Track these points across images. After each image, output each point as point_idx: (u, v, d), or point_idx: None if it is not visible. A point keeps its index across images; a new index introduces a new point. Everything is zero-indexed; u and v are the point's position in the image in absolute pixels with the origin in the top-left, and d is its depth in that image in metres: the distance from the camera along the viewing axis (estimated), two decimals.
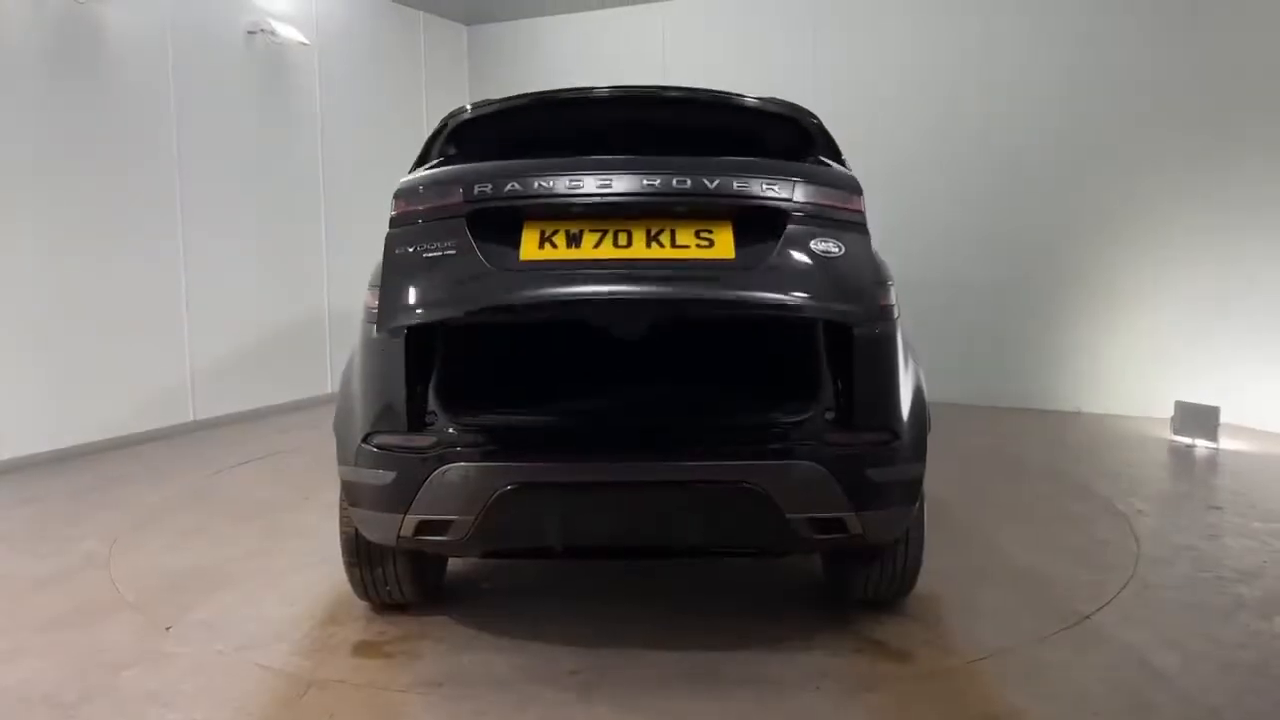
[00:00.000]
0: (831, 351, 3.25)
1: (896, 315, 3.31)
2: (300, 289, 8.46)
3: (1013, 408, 8.05)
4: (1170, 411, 6.92)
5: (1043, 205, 7.96)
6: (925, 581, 3.74)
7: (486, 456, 3.15)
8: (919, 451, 3.29)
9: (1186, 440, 6.68)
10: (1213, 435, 6.53)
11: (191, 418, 7.32)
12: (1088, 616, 3.73)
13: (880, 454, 3.17)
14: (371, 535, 3.36)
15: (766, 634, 3.57)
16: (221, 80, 7.58)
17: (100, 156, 6.60)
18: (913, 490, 3.30)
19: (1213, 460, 6.31)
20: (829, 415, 3.17)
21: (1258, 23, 6.97)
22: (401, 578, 3.62)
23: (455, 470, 3.11)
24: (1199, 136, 7.27)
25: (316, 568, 4.24)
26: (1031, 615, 3.76)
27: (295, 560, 4.41)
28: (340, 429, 3.37)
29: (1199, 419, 6.62)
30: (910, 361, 3.39)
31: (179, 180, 7.16)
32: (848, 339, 3.19)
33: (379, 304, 2.91)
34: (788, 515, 3.10)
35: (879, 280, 3.23)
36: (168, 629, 3.67)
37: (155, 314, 7.07)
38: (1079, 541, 4.65)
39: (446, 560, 4.00)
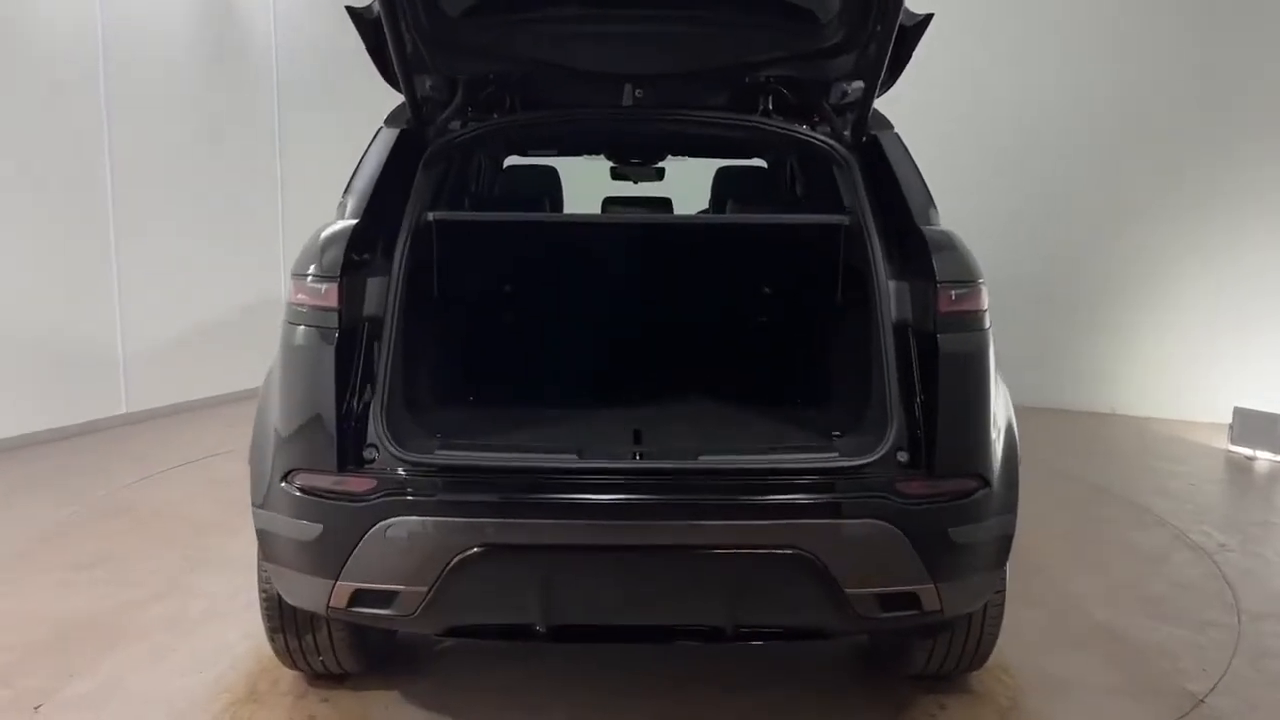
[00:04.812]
0: (905, 372, 2.48)
1: (988, 325, 2.53)
2: (253, 269, 7.56)
3: (1043, 408, 7.31)
4: (1216, 415, 6.30)
5: (1082, 197, 7.31)
6: None
7: (444, 508, 2.36)
8: (1011, 500, 2.54)
9: (1247, 451, 6.01)
10: (1278, 447, 5.82)
11: (124, 409, 6.46)
12: (1202, 699, 2.99)
13: (968, 508, 2.41)
14: (295, 601, 2.59)
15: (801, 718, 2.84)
16: (160, 35, 6.65)
17: (14, 110, 5.68)
18: (1003, 550, 2.55)
19: None
20: (902, 457, 2.40)
21: None
22: (337, 646, 2.83)
23: (402, 525, 2.34)
24: (1255, 125, 6.64)
25: (239, 615, 3.42)
26: (1130, 695, 3.03)
27: (215, 604, 3.61)
28: (255, 461, 2.57)
29: (1262, 427, 5.94)
30: (1000, 385, 2.62)
31: (108, 139, 6.24)
32: (929, 356, 2.42)
33: None
34: (846, 590, 2.34)
35: None
36: (36, 709, 2.87)
37: (80, 289, 6.19)
38: (1161, 587, 3.92)
39: None
